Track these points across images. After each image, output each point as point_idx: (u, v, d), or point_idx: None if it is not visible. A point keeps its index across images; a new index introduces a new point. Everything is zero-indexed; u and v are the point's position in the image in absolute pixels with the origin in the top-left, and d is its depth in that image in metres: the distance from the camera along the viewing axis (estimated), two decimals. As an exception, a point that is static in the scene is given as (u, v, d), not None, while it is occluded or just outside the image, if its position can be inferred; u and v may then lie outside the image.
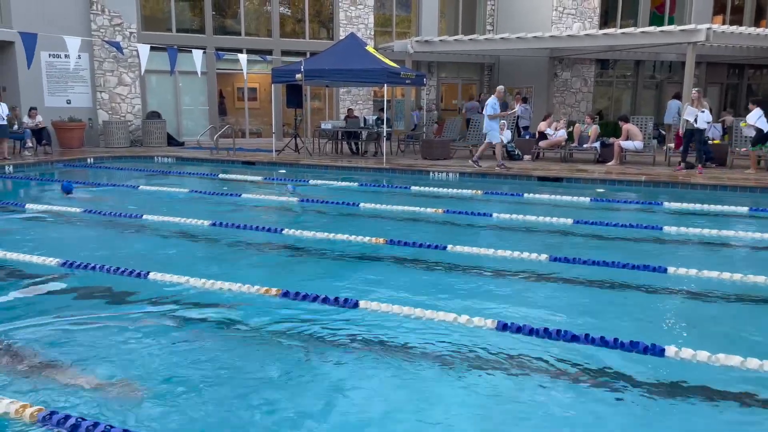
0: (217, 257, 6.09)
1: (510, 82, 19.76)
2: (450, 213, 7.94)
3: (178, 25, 17.00)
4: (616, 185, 10.55)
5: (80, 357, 3.55)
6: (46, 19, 14.36)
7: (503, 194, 9.77)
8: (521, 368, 3.54)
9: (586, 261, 5.57)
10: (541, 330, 3.91)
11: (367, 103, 19.11)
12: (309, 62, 13.50)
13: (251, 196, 9.43)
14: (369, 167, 12.56)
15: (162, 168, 12.92)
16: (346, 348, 3.78)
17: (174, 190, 9.95)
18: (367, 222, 7.84)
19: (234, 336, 3.99)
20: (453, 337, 3.92)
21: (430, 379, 3.41)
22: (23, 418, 2.67)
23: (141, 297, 4.63)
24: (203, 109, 17.63)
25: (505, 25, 19.29)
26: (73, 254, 5.53)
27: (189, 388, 3.20)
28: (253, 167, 12.99)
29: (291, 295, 4.53)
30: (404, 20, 20.03)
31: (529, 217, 7.62)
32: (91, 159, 13.38)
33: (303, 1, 18.21)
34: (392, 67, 13.01)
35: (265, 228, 6.95)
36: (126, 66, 16.12)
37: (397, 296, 4.60)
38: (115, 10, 15.75)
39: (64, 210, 7.81)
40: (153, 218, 7.32)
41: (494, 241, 6.27)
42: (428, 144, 14.18)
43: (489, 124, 11.92)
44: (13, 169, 11.74)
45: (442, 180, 11.42)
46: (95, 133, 16.00)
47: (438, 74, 20.18)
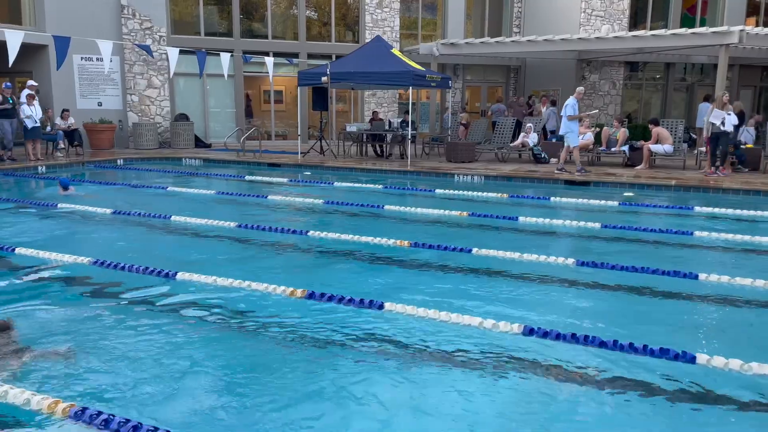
0: (243, 258, 6.15)
1: (536, 84, 19.62)
2: (475, 216, 7.90)
3: (207, 29, 17.24)
4: (645, 189, 10.38)
5: (110, 355, 3.61)
6: (78, 23, 14.69)
7: (529, 197, 9.68)
8: (547, 374, 3.49)
9: (614, 266, 5.49)
10: (569, 335, 3.86)
11: (392, 105, 19.12)
12: (335, 65, 13.57)
13: (277, 198, 9.50)
14: (393, 170, 12.57)
15: (190, 169, 13.10)
16: (370, 350, 3.78)
17: (201, 192, 10.07)
18: (392, 224, 7.84)
19: (260, 336, 4.01)
20: (478, 341, 3.89)
21: (456, 382, 3.38)
22: (56, 414, 2.72)
23: (169, 297, 4.70)
24: (230, 111, 17.84)
25: (532, 27, 19.15)
26: (103, 253, 5.63)
27: (215, 387, 3.24)
28: (278, 169, 13.10)
29: (316, 296, 4.55)
30: (430, 23, 20.01)
31: (556, 221, 7.53)
32: (120, 160, 13.64)
33: (329, 4, 18.31)
34: (418, 70, 13.00)
35: (290, 229, 6.99)
36: (155, 69, 16.40)
37: (421, 299, 4.58)
38: (145, 14, 16.05)
39: (93, 210, 7.96)
40: (181, 219, 7.42)
41: (520, 245, 6.21)
42: (453, 147, 14.13)
43: (568, 126, 11.58)
44: (45, 170, 12.02)
45: (467, 183, 11.36)
46: (125, 134, 16.30)
47: (463, 77, 20.11)
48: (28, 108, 12.36)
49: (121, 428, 2.58)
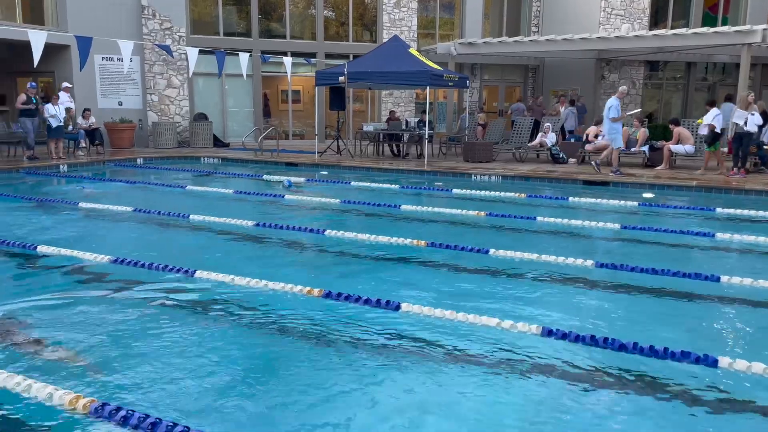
0: (261, 257, 6.18)
1: (555, 84, 19.48)
2: (492, 216, 7.86)
3: (225, 29, 17.36)
4: (666, 190, 10.24)
5: (129, 352, 3.65)
6: (100, 24, 14.88)
7: (547, 198, 9.61)
8: (566, 375, 3.46)
9: (634, 268, 5.42)
10: (588, 337, 3.82)
11: (409, 105, 19.11)
12: (352, 65, 13.59)
13: (293, 197, 9.53)
14: (410, 169, 12.55)
15: (208, 168, 13.20)
16: (387, 350, 3.78)
17: (219, 191, 10.15)
18: (408, 224, 7.83)
19: (277, 335, 4.03)
20: (496, 342, 3.87)
21: (472, 383, 3.37)
22: (77, 409, 2.76)
23: (188, 294, 4.74)
24: (248, 111, 17.95)
25: (550, 27, 19.00)
26: (123, 251, 5.69)
27: (232, 384, 3.26)
28: (295, 168, 13.15)
29: (333, 295, 4.56)
30: (447, 22, 19.95)
31: (574, 222, 7.46)
32: (140, 159, 13.79)
33: (347, 4, 18.34)
34: (435, 70, 12.97)
35: (307, 229, 7.01)
36: (175, 69, 16.56)
37: (438, 299, 4.57)
38: (165, 15, 16.20)
39: (115, 209, 8.05)
40: (199, 218, 7.48)
41: (538, 246, 6.16)
42: (470, 146, 14.08)
43: (612, 128, 11.34)
44: (67, 168, 12.19)
45: (484, 183, 11.31)
46: (145, 134, 16.48)
47: (481, 76, 20.02)
48: (52, 107, 12.57)
49: (141, 424, 2.60)
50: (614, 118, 11.22)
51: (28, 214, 8.09)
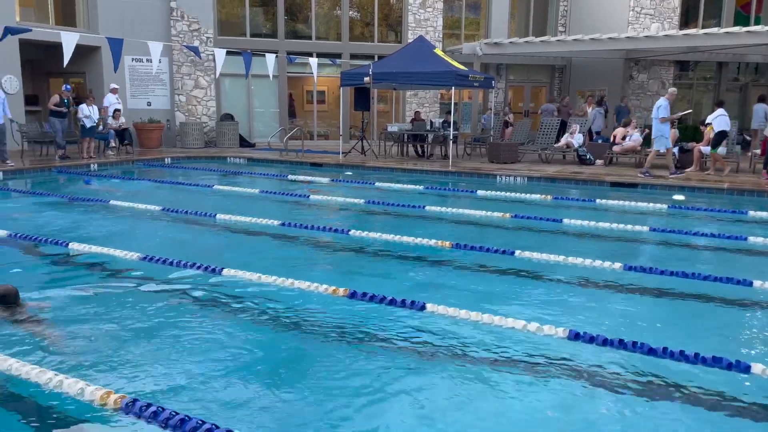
0: (287, 256, 6.22)
1: (582, 84, 19.24)
2: (518, 218, 7.79)
3: (252, 30, 17.53)
4: (696, 192, 10.04)
5: (158, 349, 3.71)
6: (129, 25, 15.15)
7: (574, 200, 9.49)
8: (593, 380, 3.42)
9: (664, 271, 5.32)
10: (616, 341, 3.76)
11: (433, 105, 19.05)
12: (377, 65, 13.60)
13: (319, 197, 9.57)
14: (435, 170, 12.52)
15: (234, 168, 13.34)
16: (411, 350, 3.77)
17: (245, 190, 10.25)
18: (433, 225, 7.81)
19: (302, 333, 4.05)
20: (522, 344, 3.83)
21: (497, 385, 3.34)
22: (107, 405, 2.80)
23: (215, 293, 4.79)
24: (274, 111, 18.09)
25: (578, 26, 18.78)
26: (152, 249, 5.77)
27: (257, 382, 3.28)
28: (320, 169, 13.21)
29: (358, 295, 4.56)
30: (473, 22, 19.85)
31: (602, 224, 7.36)
32: (168, 159, 13.99)
33: (372, 5, 18.37)
34: (460, 70, 12.91)
35: (332, 228, 7.04)
36: (202, 69, 16.76)
37: (463, 301, 4.54)
38: (193, 16, 16.42)
39: (144, 208, 8.18)
40: (226, 217, 7.56)
41: (565, 248, 6.09)
42: (495, 147, 13.98)
43: (659, 129, 11.10)
44: (97, 168, 12.43)
45: (509, 184, 11.22)
46: (172, 134, 16.72)
47: (506, 76, 19.88)
48: (86, 108, 12.87)
49: (169, 421, 2.64)
50: (663, 118, 10.99)
51: (60, 211, 8.27)
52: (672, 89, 11.57)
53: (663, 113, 10.97)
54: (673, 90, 11.56)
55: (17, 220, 7.48)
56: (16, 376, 3.09)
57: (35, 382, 3.01)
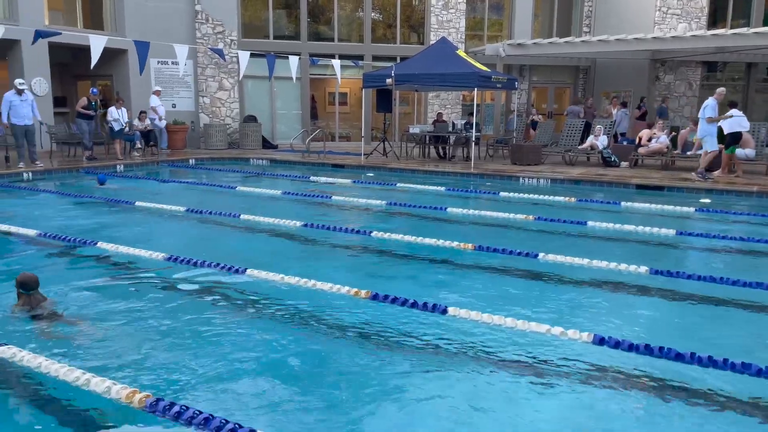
0: (309, 257, 6.25)
1: (607, 85, 19.02)
2: (541, 220, 7.72)
3: (275, 32, 17.66)
4: (724, 195, 9.84)
5: (182, 348, 3.75)
6: (155, 29, 15.37)
7: (598, 202, 9.37)
8: (619, 385, 3.36)
9: (691, 275, 5.22)
10: (642, 346, 3.70)
11: (455, 107, 18.99)
12: (400, 67, 13.60)
13: (340, 198, 9.60)
14: (457, 172, 12.47)
15: (257, 169, 13.45)
16: (433, 354, 3.76)
17: (268, 191, 10.32)
18: (455, 227, 7.78)
19: (324, 335, 4.06)
20: (546, 349, 3.79)
21: (521, 390, 3.31)
22: (133, 403, 2.84)
23: (238, 293, 4.83)
24: (296, 113, 18.20)
25: (603, 27, 18.56)
26: (177, 249, 5.84)
27: (278, 383, 3.30)
28: (342, 170, 13.25)
29: (380, 297, 4.55)
30: (496, 23, 19.75)
31: (627, 227, 7.25)
32: (192, 160, 14.16)
33: (395, 7, 18.38)
34: (483, 71, 12.85)
35: (354, 230, 7.05)
36: (226, 72, 16.94)
37: (486, 304, 4.51)
38: (218, 19, 16.61)
39: (169, 208, 8.29)
40: (249, 217, 7.62)
41: (589, 251, 6.01)
42: (518, 149, 13.88)
43: (706, 129, 10.86)
44: (123, 168, 12.63)
45: (532, 186, 11.13)
46: (197, 135, 16.92)
47: (530, 78, 19.73)
48: (115, 111, 13.14)
49: (193, 420, 2.66)
50: (710, 118, 10.76)
51: (86, 211, 8.41)
52: (721, 89, 11.25)
53: (710, 113, 10.74)
54: (722, 90, 11.24)
55: (46, 219, 7.64)
56: (45, 373, 3.15)
57: (63, 380, 3.06)
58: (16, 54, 13.60)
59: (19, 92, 11.30)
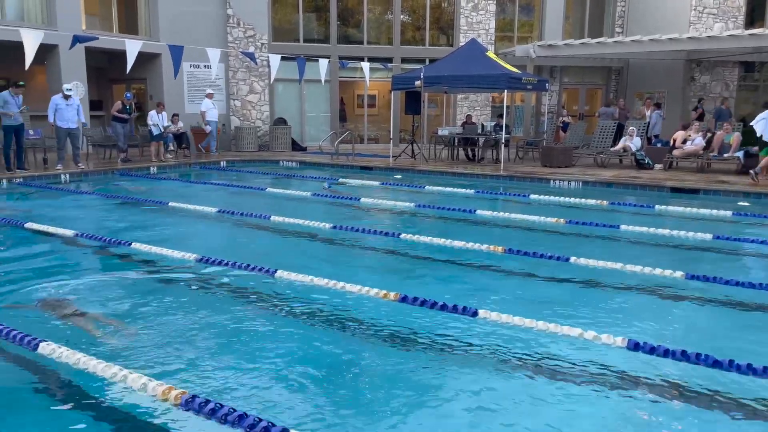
0: (338, 258, 6.27)
1: (641, 86, 18.69)
2: (572, 224, 7.62)
3: (305, 35, 17.81)
4: (763, 198, 9.58)
5: (214, 348, 3.80)
6: (188, 33, 15.64)
7: (632, 205, 9.21)
8: (653, 392, 3.30)
9: (729, 281, 5.09)
10: (678, 352, 3.62)
11: (485, 109, 18.88)
12: (428, 69, 13.58)
13: (369, 200, 9.62)
14: (486, 174, 12.39)
15: (287, 171, 13.57)
16: (463, 357, 3.74)
17: (297, 193, 10.40)
18: (484, 229, 7.72)
19: (352, 336, 4.07)
20: (578, 353, 3.74)
21: (553, 396, 3.27)
22: (168, 400, 2.89)
23: (268, 294, 4.88)
24: (325, 115, 18.32)
25: (636, 27, 18.25)
26: (208, 250, 5.93)
27: (308, 384, 3.32)
28: (370, 172, 13.28)
29: (409, 300, 4.55)
30: (526, 24, 19.59)
31: (662, 231, 7.11)
32: (223, 162, 14.36)
33: (424, 9, 18.37)
34: (513, 72, 12.75)
35: (382, 232, 7.06)
36: (257, 75, 17.14)
37: (516, 307, 4.46)
38: (249, 23, 16.82)
39: (201, 209, 8.42)
40: (279, 219, 7.69)
41: (622, 255, 5.91)
42: (549, 151, 13.72)
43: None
44: (156, 170, 12.88)
45: (563, 188, 11.00)
46: (228, 137, 17.15)
47: (560, 79, 19.51)
48: (156, 116, 13.43)
49: (228, 417, 2.70)
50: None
51: (121, 212, 8.60)
52: None
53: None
54: None
55: (82, 219, 7.83)
56: (84, 369, 3.23)
57: (101, 376, 3.13)
58: (55, 58, 13.98)
59: (66, 97, 11.65)
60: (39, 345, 3.47)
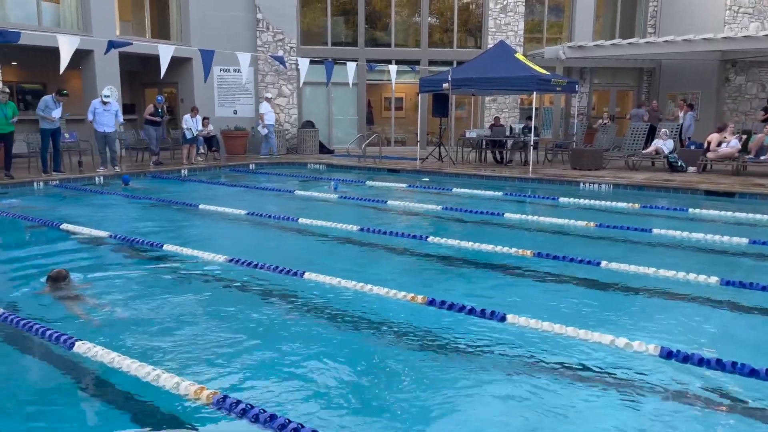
0: (365, 261, 6.29)
1: (674, 87, 18.34)
2: (603, 227, 7.50)
3: (333, 39, 17.91)
4: (801, 202, 9.31)
5: (243, 349, 3.85)
6: (218, 37, 15.86)
7: (664, 209, 9.04)
8: (687, 401, 3.23)
9: (765, 287, 4.96)
10: (713, 360, 3.54)
11: (513, 111, 18.73)
12: (456, 71, 13.54)
13: (396, 203, 9.63)
14: (514, 177, 12.29)
15: (314, 174, 13.66)
16: (490, 362, 3.71)
17: (325, 195, 10.46)
18: (512, 232, 7.66)
19: (380, 339, 4.07)
20: (608, 360, 3.68)
21: (582, 403, 3.22)
22: (200, 399, 2.94)
23: (296, 295, 4.91)
24: (352, 118, 18.38)
25: (669, 27, 17.91)
26: (238, 251, 6.00)
27: (335, 386, 3.33)
28: (397, 175, 13.29)
29: (437, 303, 4.53)
30: (555, 25, 19.38)
31: (696, 235, 6.96)
32: (252, 165, 14.52)
33: (451, 11, 18.32)
34: (542, 74, 12.63)
35: (410, 235, 7.05)
36: (285, 78, 17.30)
37: (545, 312, 4.41)
38: (278, 27, 16.99)
39: (230, 211, 8.52)
40: (307, 221, 7.74)
41: (655, 260, 5.80)
42: (579, 153, 13.55)
43: None
44: (187, 173, 13.08)
45: (593, 191, 10.84)
46: (257, 140, 17.32)
47: (590, 80, 19.24)
48: (190, 119, 13.69)
49: (259, 417, 2.72)
50: None
51: (153, 214, 8.76)
52: None
53: None
54: None
55: (115, 221, 8.00)
56: (118, 368, 3.29)
57: (134, 376, 3.20)
58: (89, 63, 14.31)
59: (104, 102, 11.97)
60: (75, 344, 3.56)
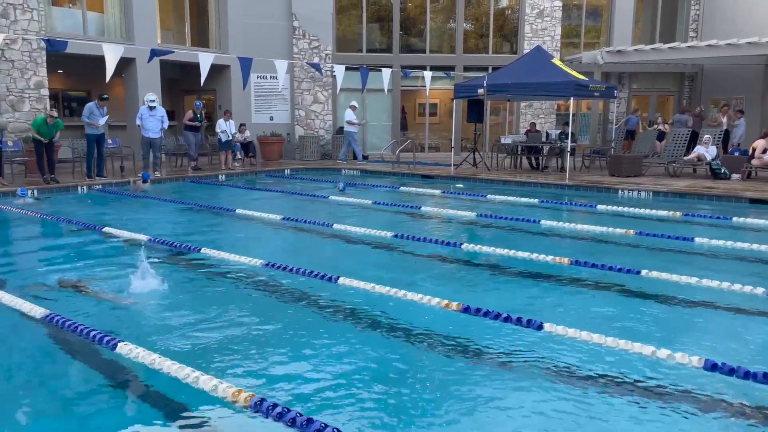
0: (399, 267, 6.28)
1: (717, 92, 17.88)
2: (642, 235, 7.34)
3: (368, 45, 18.02)
4: None
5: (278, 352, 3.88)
6: (256, 45, 16.14)
7: (707, 217, 8.79)
8: (733, 416, 3.12)
9: (816, 299, 4.78)
10: (760, 374, 3.41)
11: (549, 116, 18.52)
12: (492, 77, 13.46)
13: (430, 209, 9.60)
14: (550, 183, 12.13)
15: (348, 180, 13.72)
16: (527, 371, 3.65)
17: (359, 201, 10.50)
18: (549, 240, 7.55)
19: (413, 345, 4.05)
20: (650, 372, 3.58)
21: (623, 416, 3.14)
22: (238, 402, 2.97)
23: (330, 300, 4.94)
24: (386, 124, 18.44)
25: (711, 31, 17.49)
26: (273, 256, 6.07)
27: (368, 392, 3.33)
28: (431, 181, 13.26)
29: (472, 310, 4.50)
30: (592, 30, 19.11)
31: (740, 244, 6.75)
32: (287, 170, 14.69)
33: (487, 16, 18.24)
34: (580, 80, 12.47)
35: (444, 241, 7.02)
36: (321, 85, 17.47)
37: (584, 322, 4.34)
38: (314, 34, 17.19)
39: (266, 216, 8.64)
40: (341, 227, 7.79)
41: (697, 269, 5.65)
42: (617, 159, 13.30)
43: None
44: (224, 178, 13.31)
45: (632, 199, 10.62)
46: (292, 146, 17.55)
47: (629, 85, 18.89)
48: (224, 123, 13.96)
49: (295, 421, 2.74)
50: None
51: (192, 218, 8.93)
52: None
53: None
54: None
55: (154, 224, 8.18)
56: (158, 369, 3.36)
57: (174, 377, 3.26)
58: (132, 71, 14.72)
59: (150, 108, 12.28)
60: (117, 345, 3.65)
